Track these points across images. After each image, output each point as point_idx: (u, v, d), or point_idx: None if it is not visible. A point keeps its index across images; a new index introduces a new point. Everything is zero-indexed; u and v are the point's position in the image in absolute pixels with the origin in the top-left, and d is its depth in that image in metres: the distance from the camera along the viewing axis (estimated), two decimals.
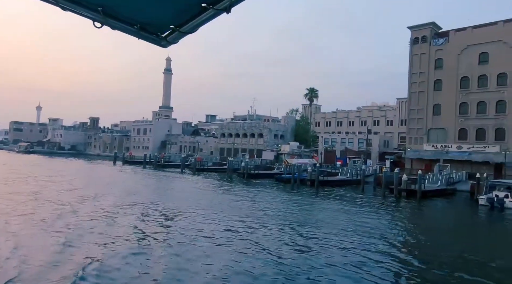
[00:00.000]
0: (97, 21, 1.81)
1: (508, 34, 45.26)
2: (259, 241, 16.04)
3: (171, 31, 1.96)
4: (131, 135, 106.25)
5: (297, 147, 65.36)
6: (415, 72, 53.39)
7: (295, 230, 18.75)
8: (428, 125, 52.05)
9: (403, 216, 25.94)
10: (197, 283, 11.07)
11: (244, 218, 21.27)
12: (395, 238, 18.28)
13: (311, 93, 78.77)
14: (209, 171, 57.76)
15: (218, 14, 1.73)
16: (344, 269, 12.69)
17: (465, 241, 19.36)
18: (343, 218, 23.05)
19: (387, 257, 14.49)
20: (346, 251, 15.06)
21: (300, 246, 15.48)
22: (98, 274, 11.13)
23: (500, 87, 46.02)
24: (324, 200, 32.06)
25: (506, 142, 45.10)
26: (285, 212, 24.55)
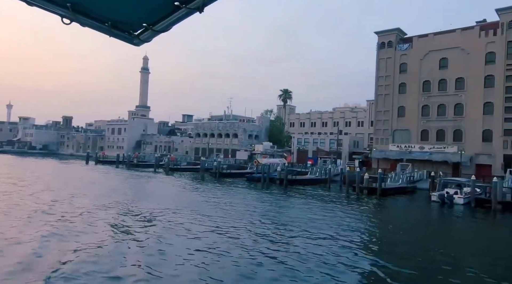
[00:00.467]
0: (66, 17, 1.77)
1: (465, 41, 48.19)
2: (218, 237, 17.09)
3: (143, 29, 1.95)
4: (106, 135, 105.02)
5: (270, 147, 66.81)
6: (382, 75, 55.84)
7: (258, 225, 19.89)
8: (393, 126, 54.57)
9: (361, 211, 27.56)
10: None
11: (208, 215, 22.25)
12: (348, 229, 19.70)
13: (285, 94, 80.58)
14: (183, 170, 58.29)
15: (191, 13, 1.73)
16: (294, 259, 13.92)
17: (411, 232, 21.05)
18: (305, 213, 24.43)
19: (336, 247, 15.84)
20: (300, 243, 16.33)
21: (261, 239, 16.62)
22: (68, 277, 11.13)
23: (458, 91, 48.92)
24: (290, 198, 33.42)
25: (463, 143, 48.00)
26: (252, 209, 25.66)
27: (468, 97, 47.84)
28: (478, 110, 46.93)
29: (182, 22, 1.85)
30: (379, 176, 35.41)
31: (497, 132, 45.44)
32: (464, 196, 30.63)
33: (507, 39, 45.00)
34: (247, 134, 74.56)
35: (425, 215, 28.60)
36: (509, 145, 44.60)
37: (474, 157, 46.99)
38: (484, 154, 46.31)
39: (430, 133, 51.05)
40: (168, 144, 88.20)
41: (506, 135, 44.82)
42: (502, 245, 19.56)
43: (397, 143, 53.81)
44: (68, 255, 13.02)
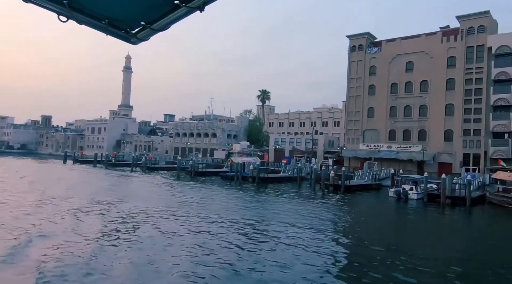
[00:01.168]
0: (62, 14, 1.74)
1: (429, 46, 50.83)
2: (184, 230, 18.58)
3: (141, 28, 1.92)
4: (85, 134, 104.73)
5: (247, 146, 68.47)
6: (353, 77, 58.13)
7: (225, 219, 21.43)
8: (364, 126, 56.94)
9: (322, 205, 29.45)
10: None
11: (176, 211, 23.68)
12: (307, 219, 21.45)
13: (263, 95, 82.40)
14: (160, 169, 59.35)
15: (191, 12, 1.70)
16: (256, 248, 15.53)
17: (363, 222, 22.97)
18: (271, 208, 26.22)
19: (295, 233, 17.53)
20: (264, 231, 17.97)
21: (227, 231, 18.18)
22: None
23: (422, 93, 51.56)
24: (259, 194, 35.14)
25: (427, 142, 50.65)
26: (222, 205, 27.22)
27: (432, 99, 50.52)
28: (440, 111, 49.62)
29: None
30: (343, 173, 37.46)
31: (457, 132, 48.20)
32: (418, 191, 32.89)
33: (466, 45, 47.78)
34: (226, 134, 76.02)
35: (380, 208, 30.79)
36: (467, 144, 47.40)
37: (437, 155, 49.69)
38: (446, 153, 49.05)
39: (397, 133, 53.58)
40: (148, 143, 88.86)
41: (465, 135, 47.62)
42: (439, 231, 21.72)
43: (367, 143, 56.18)
44: (48, 255, 13.71)
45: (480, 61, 46.78)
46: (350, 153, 56.93)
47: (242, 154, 64.37)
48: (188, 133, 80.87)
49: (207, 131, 77.37)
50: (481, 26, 46.89)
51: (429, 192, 32.89)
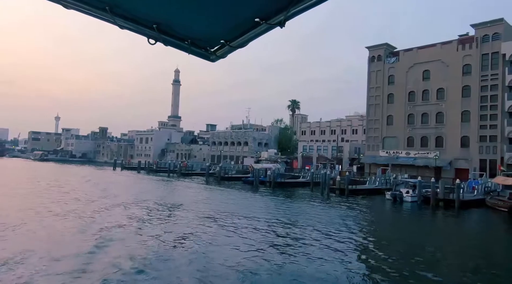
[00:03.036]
0: (151, 37, 1.85)
1: (445, 54, 51.89)
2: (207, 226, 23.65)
3: (221, 45, 1.97)
4: (135, 143, 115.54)
5: (275, 153, 72.66)
6: (372, 86, 60.32)
7: (227, 216, 26.23)
8: (383, 134, 58.75)
9: (327, 206, 32.94)
10: None
11: (188, 210, 28.92)
12: (303, 216, 25.45)
13: (293, 105, 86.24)
14: (193, 175, 65.59)
15: (271, 29, 1.73)
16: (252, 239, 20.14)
17: (352, 220, 26.26)
18: (267, 207, 30.53)
19: (286, 227, 21.79)
20: (260, 224, 22.49)
21: (233, 226, 22.98)
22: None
23: (439, 100, 52.55)
24: (270, 196, 39.41)
25: (444, 148, 51.48)
26: (233, 204, 32.07)
27: (448, 106, 51.36)
28: (456, 118, 50.32)
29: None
30: (346, 178, 40.47)
31: (473, 138, 48.64)
32: (412, 194, 35.03)
33: (481, 52, 48.35)
34: (257, 142, 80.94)
35: (375, 209, 33.48)
36: (484, 150, 47.67)
37: (454, 161, 50.32)
38: (462, 159, 49.56)
39: (415, 140, 54.82)
40: (188, 151, 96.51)
41: (481, 142, 47.95)
42: (423, 229, 24.60)
43: (386, 149, 57.90)
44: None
45: (495, 68, 47.14)
46: (370, 159, 58.95)
47: (268, 160, 68.73)
48: (223, 142, 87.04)
49: (240, 140, 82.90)
50: (495, 34, 47.34)
51: (425, 195, 34.91)
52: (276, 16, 1.64)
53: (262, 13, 1.66)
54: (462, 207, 32.50)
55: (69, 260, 13.69)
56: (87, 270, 12.61)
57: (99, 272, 12.45)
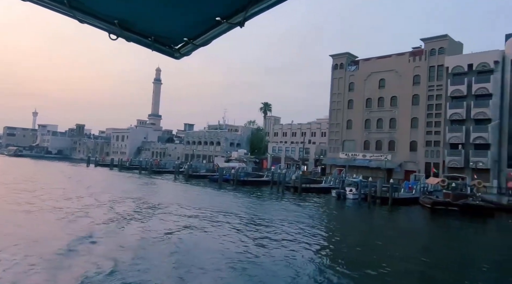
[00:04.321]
0: (112, 33, 1.86)
1: (398, 65, 56.28)
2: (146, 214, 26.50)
3: (184, 43, 2.00)
4: (111, 141, 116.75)
5: (244, 153, 75.91)
6: (335, 92, 64.37)
7: (182, 208, 29.19)
8: (343, 137, 62.85)
9: (278, 202, 36.36)
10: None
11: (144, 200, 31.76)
12: (251, 208, 28.61)
13: (265, 107, 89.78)
14: (164, 172, 68.16)
15: (232, 28, 1.77)
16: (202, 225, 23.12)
17: (294, 212, 29.58)
18: (221, 200, 33.67)
19: (239, 219, 24.87)
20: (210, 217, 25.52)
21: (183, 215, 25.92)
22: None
23: (392, 107, 56.91)
24: (229, 192, 42.63)
25: (395, 152, 55.84)
26: (187, 198, 35.04)
27: (400, 113, 55.75)
28: (407, 124, 54.73)
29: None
30: (300, 178, 44.12)
31: (420, 143, 53.12)
32: (354, 192, 38.88)
33: (429, 65, 52.89)
34: (229, 142, 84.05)
35: (319, 204, 37.04)
36: (429, 154, 52.21)
37: (403, 163, 54.72)
38: (411, 161, 54.01)
39: (371, 143, 59.05)
40: (163, 150, 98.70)
41: (427, 146, 52.46)
42: (353, 220, 28.18)
43: (345, 152, 61.97)
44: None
45: (440, 79, 51.72)
46: (331, 161, 62.94)
47: (238, 160, 71.92)
48: (197, 141, 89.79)
49: (213, 139, 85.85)
50: (441, 48, 51.96)
51: (366, 193, 38.80)
52: (236, 15, 1.70)
53: (223, 12, 1.71)
54: (396, 204, 36.56)
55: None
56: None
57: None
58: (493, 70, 46.91)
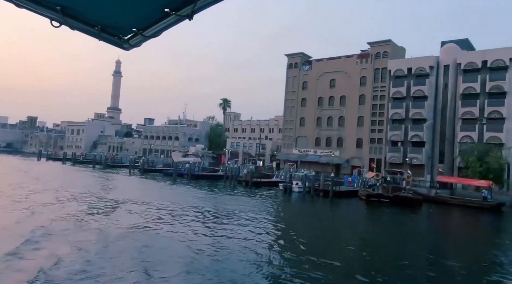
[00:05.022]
0: (55, 20, 1.76)
1: (347, 66, 59.71)
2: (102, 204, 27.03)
3: (133, 34, 1.96)
4: (66, 135, 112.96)
5: (202, 149, 76.99)
6: (289, 91, 66.99)
7: (131, 201, 29.90)
8: (296, 134, 65.67)
9: (229, 194, 37.93)
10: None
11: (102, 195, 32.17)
12: (201, 200, 29.86)
13: (225, 103, 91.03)
14: (119, 167, 67.70)
15: (181, 20, 1.74)
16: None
17: (243, 203, 31.25)
18: (171, 193, 34.72)
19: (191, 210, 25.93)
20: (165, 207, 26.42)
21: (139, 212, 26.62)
22: None
23: (341, 106, 60.35)
24: (183, 186, 43.70)
25: (344, 148, 59.37)
26: (138, 191, 35.73)
27: (348, 111, 59.30)
28: (354, 122, 58.36)
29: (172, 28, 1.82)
30: (251, 172, 46.10)
31: (365, 140, 56.93)
32: (299, 186, 41.43)
33: (374, 67, 56.67)
34: (187, 138, 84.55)
35: (265, 196, 39.12)
36: (373, 150, 56.10)
37: (350, 159, 58.38)
38: (357, 157, 57.75)
39: (321, 140, 62.28)
40: (120, 144, 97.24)
41: (371, 143, 56.34)
42: (294, 209, 30.29)
43: (298, 148, 64.85)
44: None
45: (384, 81, 55.65)
46: (284, 156, 65.58)
47: (195, 155, 72.88)
48: (155, 136, 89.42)
49: (171, 134, 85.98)
50: (385, 52, 55.87)
51: (311, 187, 41.46)
52: (185, 7, 1.68)
53: (171, 3, 1.68)
54: (337, 197, 39.46)
55: None
56: None
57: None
58: (428, 75, 51.32)
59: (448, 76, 50.28)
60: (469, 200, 38.62)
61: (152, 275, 12.01)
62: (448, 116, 50.03)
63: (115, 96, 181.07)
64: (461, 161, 45.74)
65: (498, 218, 34.84)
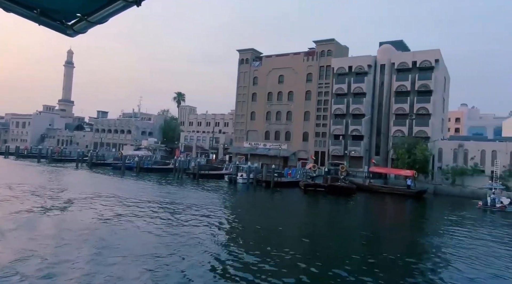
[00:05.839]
0: None
1: (295, 63, 62.34)
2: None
3: (78, 19, 1.86)
4: (10, 128, 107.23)
5: (154, 142, 76.84)
6: (241, 86, 68.65)
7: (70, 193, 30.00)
8: (247, 127, 67.62)
9: (175, 186, 38.91)
10: None
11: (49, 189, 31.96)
12: (147, 192, 30.54)
13: (179, 97, 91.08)
14: (67, 161, 66.07)
15: (128, 6, 1.68)
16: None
17: (188, 193, 32.38)
18: (117, 186, 35.14)
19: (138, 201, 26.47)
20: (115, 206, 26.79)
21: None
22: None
23: (289, 101, 63.02)
24: (130, 179, 44.06)
25: (291, 141, 62.16)
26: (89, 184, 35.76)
27: (295, 106, 62.07)
28: (300, 117, 61.24)
29: (120, 14, 1.76)
30: (198, 164, 47.41)
31: (311, 134, 60.04)
32: (243, 177, 43.40)
33: (319, 64, 59.74)
34: (140, 131, 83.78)
35: (210, 187, 40.66)
36: (318, 143, 59.35)
37: (297, 152, 61.31)
38: (303, 150, 60.78)
39: (271, 133, 64.71)
40: (70, 138, 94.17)
41: (316, 137, 59.54)
42: (236, 198, 31.95)
43: (249, 141, 66.88)
44: None
45: (328, 78, 58.85)
46: (236, 149, 67.36)
47: (148, 149, 72.66)
48: (107, 129, 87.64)
49: (123, 128, 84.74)
50: (329, 50, 59.07)
51: (256, 178, 43.53)
52: None
53: None
54: (278, 187, 41.88)
55: None
56: None
57: None
58: (367, 73, 55.09)
59: (384, 74, 54.35)
60: (396, 188, 42.66)
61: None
62: (384, 112, 54.17)
63: (67, 88, 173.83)
64: (394, 153, 49.89)
65: (420, 203, 38.89)
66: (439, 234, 21.79)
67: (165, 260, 13.25)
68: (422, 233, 23.34)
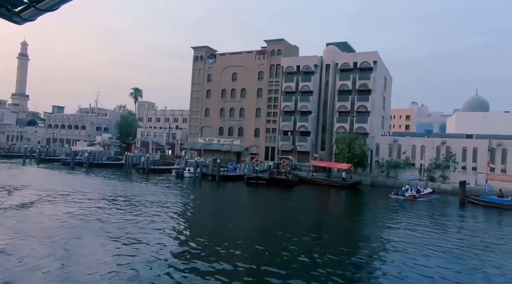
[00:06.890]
0: None
1: (247, 61, 64.24)
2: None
3: (26, 6, 1.76)
4: None
5: (109, 138, 76.30)
6: (195, 82, 69.71)
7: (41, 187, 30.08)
8: (202, 123, 68.89)
9: (122, 180, 39.57)
10: None
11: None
12: (99, 187, 31.09)
13: (136, 93, 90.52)
14: (14, 157, 64.46)
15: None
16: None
17: (135, 187, 33.26)
18: (71, 182, 35.42)
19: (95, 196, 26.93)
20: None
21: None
22: None
23: (242, 98, 64.93)
24: (80, 174, 44.23)
25: (244, 137, 64.15)
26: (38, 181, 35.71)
27: (248, 103, 64.10)
28: (252, 113, 63.35)
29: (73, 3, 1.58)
30: (147, 160, 48.33)
31: (262, 130, 62.33)
32: (190, 171, 44.88)
33: (270, 63, 62.06)
34: (95, 127, 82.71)
35: (157, 181, 41.81)
36: (268, 139, 61.75)
37: (249, 147, 63.42)
38: (255, 146, 62.98)
39: (224, 129, 66.38)
40: (20, 133, 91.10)
41: (267, 133, 61.91)
42: (180, 191, 33.22)
43: (204, 137, 68.21)
44: None
45: (278, 77, 61.26)
46: (190, 145, 68.49)
47: (102, 144, 72.16)
48: (61, 125, 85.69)
49: (78, 123, 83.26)
50: (279, 50, 61.48)
51: (203, 172, 45.10)
52: None
53: None
54: (224, 180, 43.70)
55: None
56: None
57: None
58: (314, 72, 58.01)
59: (329, 74, 57.48)
60: (333, 181, 45.82)
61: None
62: (329, 109, 57.36)
63: (21, 81, 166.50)
64: (336, 148, 53.14)
65: (354, 194, 42.07)
66: (345, 218, 24.57)
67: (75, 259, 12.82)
68: (331, 217, 25.96)
